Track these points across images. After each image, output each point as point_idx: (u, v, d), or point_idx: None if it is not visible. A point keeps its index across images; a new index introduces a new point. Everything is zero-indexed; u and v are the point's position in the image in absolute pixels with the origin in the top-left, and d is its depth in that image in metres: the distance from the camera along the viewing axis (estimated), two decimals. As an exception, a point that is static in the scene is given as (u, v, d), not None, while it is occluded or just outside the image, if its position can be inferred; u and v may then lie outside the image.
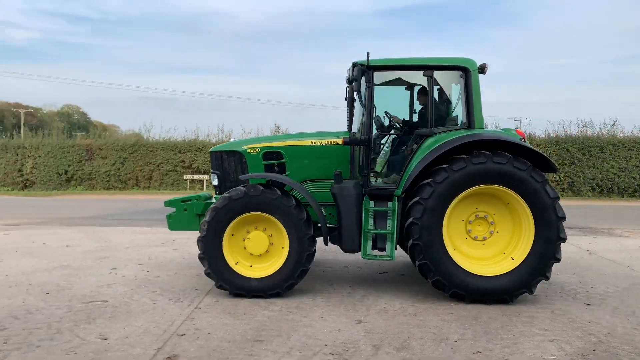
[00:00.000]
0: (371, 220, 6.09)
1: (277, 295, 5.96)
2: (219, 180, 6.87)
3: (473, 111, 6.15)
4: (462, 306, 5.71)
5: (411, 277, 7.11)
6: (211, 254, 5.89)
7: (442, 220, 5.75)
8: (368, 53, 6.14)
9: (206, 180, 26.26)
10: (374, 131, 6.54)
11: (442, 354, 4.34)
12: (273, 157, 6.73)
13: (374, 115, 6.46)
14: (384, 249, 6.05)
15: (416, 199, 5.76)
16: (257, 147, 6.77)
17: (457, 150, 5.75)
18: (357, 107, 6.65)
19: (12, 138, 29.52)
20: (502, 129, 6.68)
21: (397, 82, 6.68)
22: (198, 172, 26.58)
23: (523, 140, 6.08)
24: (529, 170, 5.64)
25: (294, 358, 4.20)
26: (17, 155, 26.69)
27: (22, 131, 58.81)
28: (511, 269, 5.76)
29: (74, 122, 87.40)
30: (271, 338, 4.66)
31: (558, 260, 5.74)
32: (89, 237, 10.48)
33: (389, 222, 6.00)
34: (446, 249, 5.78)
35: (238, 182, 6.47)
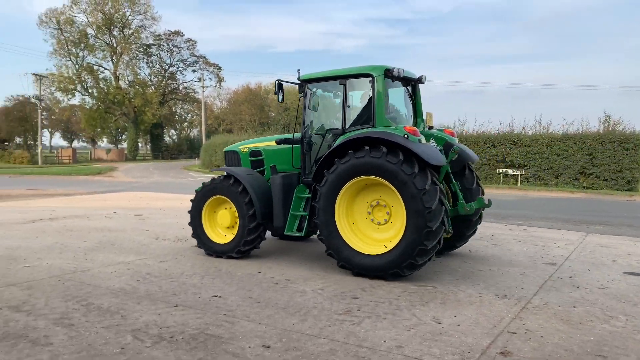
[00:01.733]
0: (303, 205, 7.33)
1: (230, 257, 7.61)
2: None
3: (376, 112, 6.82)
4: None
5: None
6: (195, 224, 7.97)
7: (334, 203, 6.69)
8: (299, 70, 7.63)
9: (520, 174, 25.11)
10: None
11: None
12: (256, 155, 8.41)
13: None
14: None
15: (317, 186, 6.84)
16: (246, 148, 8.58)
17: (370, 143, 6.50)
18: (308, 112, 7.56)
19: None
20: (396, 127, 6.72)
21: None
22: (512, 166, 25.65)
23: (406, 136, 6.32)
24: (399, 164, 6.17)
25: (649, 385, 3.67)
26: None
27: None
28: (388, 250, 6.40)
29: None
30: (616, 356, 4.18)
31: (426, 246, 6.11)
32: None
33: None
34: (337, 228, 6.69)
35: None
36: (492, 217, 13.35)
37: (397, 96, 7.68)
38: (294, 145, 7.75)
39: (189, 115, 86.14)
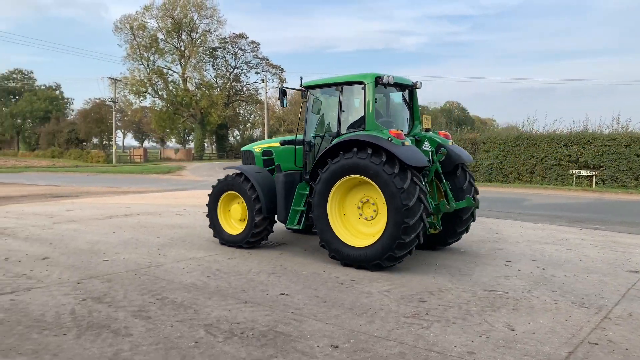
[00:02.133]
0: (303, 201, 7.93)
1: (241, 247, 8.39)
2: None
3: (366, 117, 7.35)
4: None
5: None
6: (212, 216, 8.80)
7: (327, 200, 7.28)
8: (301, 77, 8.89)
9: (595, 175, 23.71)
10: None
11: None
12: (268, 154, 9.06)
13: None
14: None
15: (313, 183, 7.49)
16: (259, 147, 9.32)
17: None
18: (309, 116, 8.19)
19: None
20: (382, 131, 7.17)
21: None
22: (586, 166, 24.26)
23: (390, 139, 6.84)
24: (381, 165, 6.72)
25: None
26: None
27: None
28: (372, 243, 6.92)
29: (454, 118, 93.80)
30: None
31: (404, 240, 6.62)
32: (481, 227, 11.04)
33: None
34: (329, 222, 7.30)
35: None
36: (564, 220, 12.71)
37: (395, 100, 8.40)
38: (297, 146, 8.36)
39: (252, 116, 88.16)
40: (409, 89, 8.31)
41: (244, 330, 4.65)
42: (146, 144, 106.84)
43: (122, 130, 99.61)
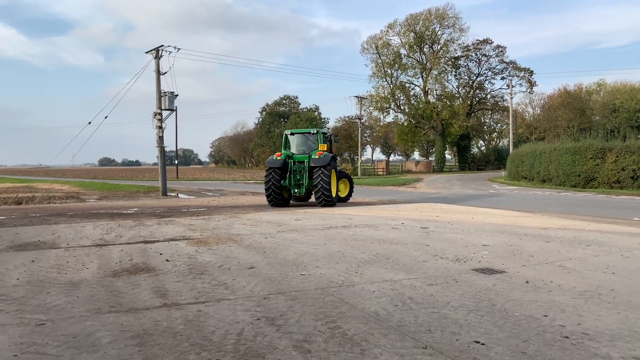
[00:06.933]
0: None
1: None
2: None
3: (283, 147, 19.72)
4: None
5: None
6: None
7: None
8: (286, 129, 27.51)
9: None
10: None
11: None
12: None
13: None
14: None
15: None
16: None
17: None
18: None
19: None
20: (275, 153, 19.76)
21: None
22: None
23: (273, 157, 19.37)
24: (272, 168, 19.04)
25: None
26: None
27: None
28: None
29: None
30: None
31: (266, 197, 19.39)
32: None
33: None
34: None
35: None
36: None
37: (303, 138, 19.56)
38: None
39: (499, 125, 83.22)
40: (315, 133, 19.45)
41: (408, 390, 3.59)
42: (392, 157, 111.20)
43: (372, 145, 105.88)
